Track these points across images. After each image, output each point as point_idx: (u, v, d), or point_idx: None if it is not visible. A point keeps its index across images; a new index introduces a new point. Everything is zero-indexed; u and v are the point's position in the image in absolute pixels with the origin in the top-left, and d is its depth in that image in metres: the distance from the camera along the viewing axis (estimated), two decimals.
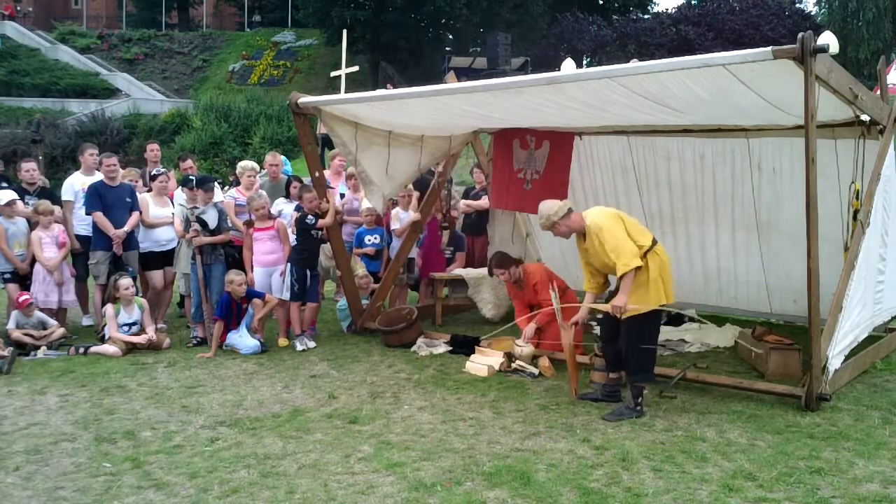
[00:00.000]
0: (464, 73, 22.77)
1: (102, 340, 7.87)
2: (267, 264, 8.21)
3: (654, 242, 5.77)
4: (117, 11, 52.67)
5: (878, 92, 7.45)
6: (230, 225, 8.34)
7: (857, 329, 6.51)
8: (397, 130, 8.20)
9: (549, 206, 5.84)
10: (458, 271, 9.27)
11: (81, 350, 7.72)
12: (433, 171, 9.59)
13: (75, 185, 8.92)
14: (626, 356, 5.71)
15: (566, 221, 5.81)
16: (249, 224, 8.29)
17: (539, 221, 5.91)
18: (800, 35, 5.03)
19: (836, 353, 5.95)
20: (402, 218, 9.25)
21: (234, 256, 8.30)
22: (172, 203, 9.23)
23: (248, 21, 50.41)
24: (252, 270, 8.18)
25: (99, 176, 8.80)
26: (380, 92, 8.93)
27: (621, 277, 5.58)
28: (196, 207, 8.03)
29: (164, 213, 8.93)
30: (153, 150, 10.28)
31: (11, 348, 7.41)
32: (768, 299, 8.87)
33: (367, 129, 7.97)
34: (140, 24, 48.03)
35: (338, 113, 7.76)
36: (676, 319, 8.89)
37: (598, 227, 5.66)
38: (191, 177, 8.45)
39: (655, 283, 5.62)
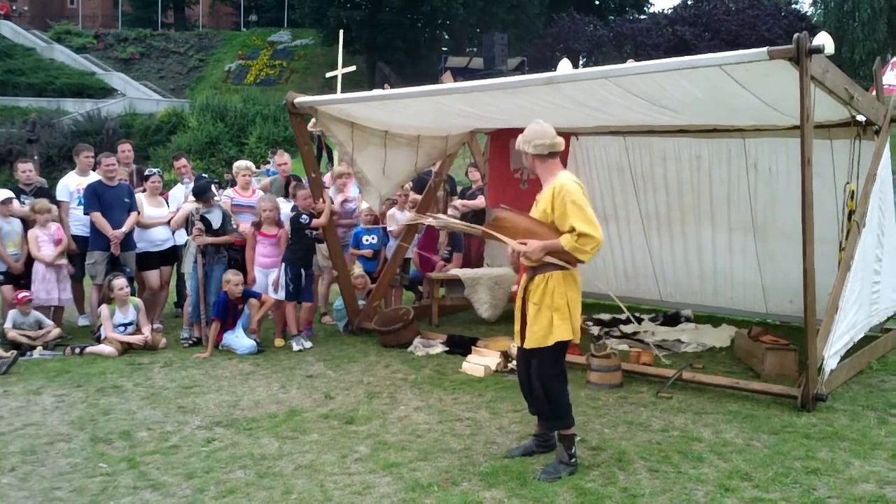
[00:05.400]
0: (460, 73, 22.76)
1: (98, 341, 7.85)
2: (266, 266, 8.20)
3: None
4: (113, 11, 52.62)
5: (874, 92, 7.48)
6: (234, 227, 8.31)
7: (853, 329, 6.52)
8: (394, 130, 8.21)
9: (543, 133, 4.67)
10: (454, 271, 9.27)
11: (77, 350, 7.71)
12: (430, 172, 9.60)
13: (70, 185, 8.89)
14: (538, 401, 4.72)
15: (545, 160, 4.69)
16: (257, 226, 8.24)
17: (521, 137, 4.75)
18: (795, 36, 5.04)
19: (832, 353, 5.96)
20: (398, 218, 9.25)
21: (237, 259, 8.27)
22: (167, 203, 9.23)
23: (244, 21, 50.42)
24: (254, 270, 8.16)
25: (93, 176, 8.78)
26: (376, 92, 8.92)
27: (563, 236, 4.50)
28: (197, 208, 8.01)
29: (158, 214, 8.92)
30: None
31: (15, 351, 7.40)
32: (764, 300, 8.89)
33: (363, 129, 7.97)
34: (136, 24, 48.03)
35: (334, 113, 7.76)
36: (673, 319, 8.92)
37: (567, 189, 4.52)
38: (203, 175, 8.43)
39: (575, 304, 4.62)
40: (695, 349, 7.79)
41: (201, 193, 8.15)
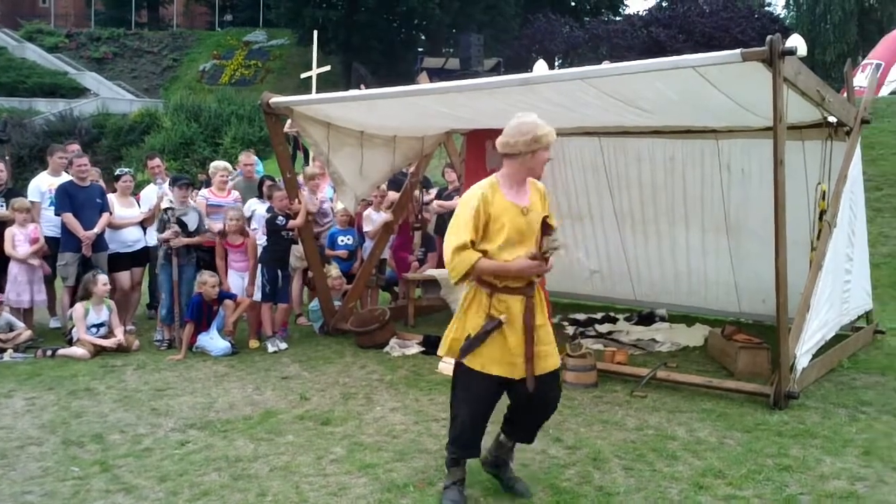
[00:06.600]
0: (436, 74, 22.68)
1: (70, 343, 7.76)
2: (240, 269, 8.23)
3: None
4: (86, 10, 52.02)
5: (845, 94, 7.57)
6: (206, 227, 8.27)
7: (824, 328, 6.60)
8: (370, 131, 8.19)
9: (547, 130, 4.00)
10: (430, 272, 9.27)
11: (49, 353, 7.61)
12: (405, 173, 9.59)
13: (41, 185, 8.79)
14: (542, 419, 4.32)
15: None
16: (223, 235, 8.20)
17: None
18: (768, 37, 5.10)
19: (803, 351, 6.03)
20: (374, 219, 9.23)
21: (205, 260, 8.23)
22: (138, 204, 9.14)
23: (218, 20, 50.12)
24: (227, 277, 8.15)
25: (65, 177, 8.67)
26: (352, 92, 8.90)
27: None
28: (171, 209, 7.96)
29: (129, 214, 8.84)
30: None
31: None
32: (737, 299, 8.98)
33: (339, 129, 7.95)
34: (109, 23, 47.57)
35: (310, 113, 7.73)
36: (647, 319, 8.97)
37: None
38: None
39: None
40: (669, 348, 7.85)
41: (176, 181, 8.27)
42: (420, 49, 38.59)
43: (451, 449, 4.24)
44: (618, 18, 41.37)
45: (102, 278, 7.85)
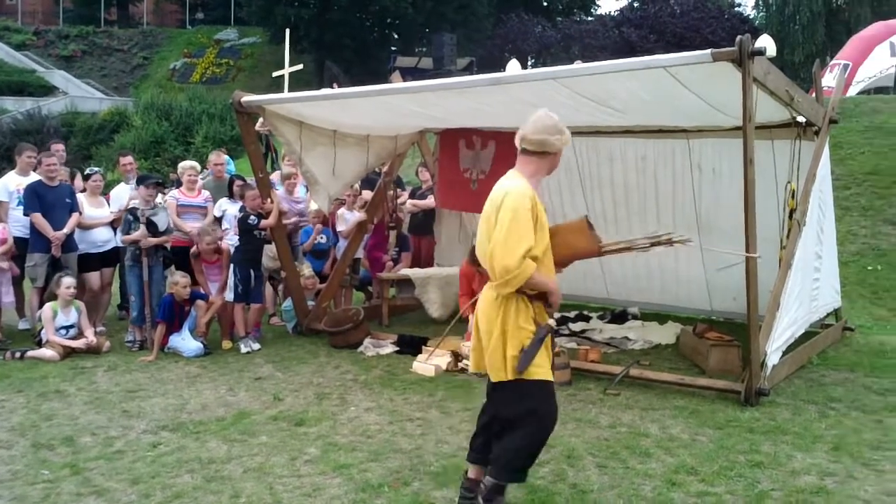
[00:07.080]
0: (409, 73, 22.76)
1: (39, 345, 7.65)
2: (216, 282, 8.28)
3: None
4: (54, 7, 51.27)
5: (814, 94, 7.67)
6: (173, 227, 8.23)
7: (794, 325, 6.68)
8: (343, 130, 8.17)
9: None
10: (404, 271, 9.26)
11: (18, 355, 7.50)
12: (378, 172, 9.57)
13: (9, 185, 8.64)
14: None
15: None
16: (195, 256, 8.23)
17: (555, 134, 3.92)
18: (738, 38, 5.16)
19: (774, 348, 6.10)
20: (347, 218, 9.21)
21: (169, 257, 8.18)
22: (108, 203, 9.05)
23: (189, 18, 49.65)
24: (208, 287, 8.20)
25: (34, 177, 8.56)
26: (325, 91, 8.88)
27: None
28: (136, 209, 7.89)
29: (99, 214, 8.75)
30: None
31: None
32: (709, 297, 9.05)
33: (312, 128, 7.92)
34: (78, 21, 46.91)
35: (282, 112, 7.69)
36: (620, 317, 9.03)
37: None
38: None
39: None
40: (642, 346, 7.91)
41: (143, 179, 8.27)
42: (393, 48, 38.52)
43: (529, 464, 3.96)
44: (590, 19, 41.60)
45: (66, 281, 7.74)
